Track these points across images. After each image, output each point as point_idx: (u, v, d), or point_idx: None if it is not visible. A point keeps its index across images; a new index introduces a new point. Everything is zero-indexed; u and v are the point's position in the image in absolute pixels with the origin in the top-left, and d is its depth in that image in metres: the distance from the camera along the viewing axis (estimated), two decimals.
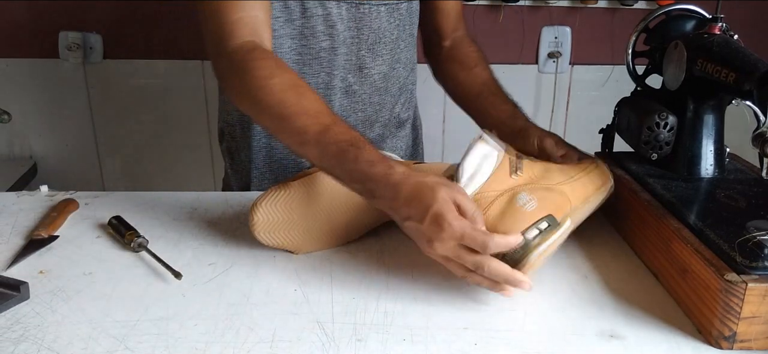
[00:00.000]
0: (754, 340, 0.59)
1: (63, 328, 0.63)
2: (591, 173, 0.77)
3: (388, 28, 0.98)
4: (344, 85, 0.99)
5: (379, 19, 0.97)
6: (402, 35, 1.01)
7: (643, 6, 1.81)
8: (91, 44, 1.78)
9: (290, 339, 0.61)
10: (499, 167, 0.71)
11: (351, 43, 0.96)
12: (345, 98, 1.00)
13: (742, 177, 0.80)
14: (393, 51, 1.01)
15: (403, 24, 1.00)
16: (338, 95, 0.99)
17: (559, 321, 0.65)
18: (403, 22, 1.00)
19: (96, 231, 0.83)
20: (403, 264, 0.75)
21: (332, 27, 0.93)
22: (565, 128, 1.96)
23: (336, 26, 0.93)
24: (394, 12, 0.98)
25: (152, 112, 1.85)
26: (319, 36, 0.94)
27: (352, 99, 1.00)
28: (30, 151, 1.89)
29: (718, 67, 0.71)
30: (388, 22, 0.98)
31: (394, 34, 1.00)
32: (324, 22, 0.93)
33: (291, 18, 0.92)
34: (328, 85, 0.97)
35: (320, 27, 0.93)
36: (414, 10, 1.03)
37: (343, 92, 0.99)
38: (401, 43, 1.02)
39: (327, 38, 0.94)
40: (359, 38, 0.96)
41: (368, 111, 1.02)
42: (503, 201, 0.68)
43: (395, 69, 1.03)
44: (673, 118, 0.79)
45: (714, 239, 0.64)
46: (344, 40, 0.95)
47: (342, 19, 0.94)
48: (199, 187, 1.93)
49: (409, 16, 1.02)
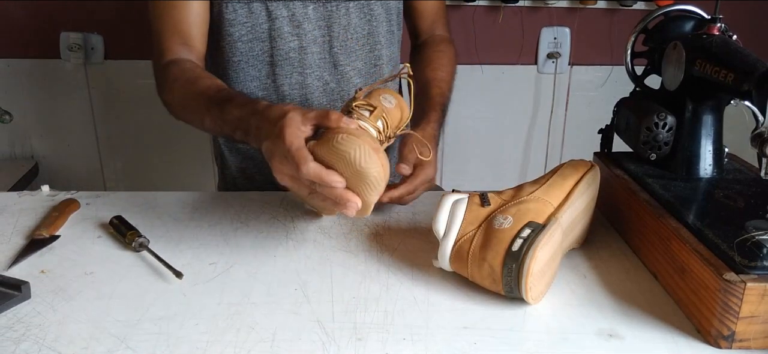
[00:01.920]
0: (752, 339, 0.60)
1: (64, 327, 0.63)
2: (563, 170, 0.77)
3: (359, 24, 0.99)
4: (321, 84, 1.01)
5: (349, 16, 0.98)
6: (378, 32, 1.02)
7: (642, 7, 1.81)
8: (93, 45, 1.79)
9: (290, 338, 0.62)
10: (469, 205, 0.72)
11: (322, 42, 0.98)
12: (323, 97, 1.02)
13: (741, 177, 0.80)
14: (369, 48, 1.02)
15: (377, 21, 1.01)
16: (316, 94, 1.01)
17: (559, 321, 0.65)
18: (378, 19, 1.01)
19: (97, 231, 0.83)
20: (403, 264, 0.75)
21: (299, 27, 0.95)
22: (564, 128, 1.96)
23: (302, 26, 0.95)
24: (364, 8, 0.99)
25: (153, 113, 1.85)
26: (286, 37, 0.96)
27: (330, 97, 1.02)
28: (31, 151, 1.89)
29: (716, 67, 0.72)
30: (359, 18, 0.99)
31: (366, 30, 1.01)
32: (290, 23, 0.95)
33: (257, 22, 0.95)
34: (303, 85, 0.99)
35: (287, 28, 0.95)
36: (392, 7, 1.04)
37: (321, 91, 1.01)
38: (379, 39, 1.02)
39: (295, 38, 0.96)
40: (330, 36, 0.98)
41: None
42: (482, 231, 0.69)
43: (376, 67, 1.04)
44: (672, 118, 0.79)
45: (713, 239, 0.64)
46: (315, 39, 0.97)
47: (309, 18, 0.96)
48: (201, 187, 1.93)
49: (385, 13, 1.02)
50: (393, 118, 0.77)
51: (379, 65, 1.04)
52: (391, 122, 0.76)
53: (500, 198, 0.73)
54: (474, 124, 1.93)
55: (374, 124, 0.74)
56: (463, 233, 0.70)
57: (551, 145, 1.98)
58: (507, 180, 1.62)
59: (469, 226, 0.70)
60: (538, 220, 0.68)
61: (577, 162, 0.78)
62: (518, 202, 0.71)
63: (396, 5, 1.05)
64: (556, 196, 0.72)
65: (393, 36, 1.06)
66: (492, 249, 0.66)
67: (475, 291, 0.69)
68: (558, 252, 0.69)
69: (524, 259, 0.64)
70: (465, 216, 0.71)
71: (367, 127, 0.72)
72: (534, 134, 1.95)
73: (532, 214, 0.69)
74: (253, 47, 0.97)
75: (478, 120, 1.93)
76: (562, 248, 0.72)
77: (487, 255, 0.66)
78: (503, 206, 0.71)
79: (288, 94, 1.01)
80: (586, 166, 0.78)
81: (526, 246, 0.64)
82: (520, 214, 0.69)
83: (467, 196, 0.74)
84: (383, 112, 0.75)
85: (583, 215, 0.77)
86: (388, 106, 0.77)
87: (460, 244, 0.69)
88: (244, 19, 0.95)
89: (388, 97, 0.79)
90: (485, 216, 0.71)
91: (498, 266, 0.65)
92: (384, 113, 0.75)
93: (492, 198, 0.73)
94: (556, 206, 0.71)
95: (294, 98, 1.01)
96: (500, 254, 0.65)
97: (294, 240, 0.81)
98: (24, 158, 1.89)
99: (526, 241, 0.65)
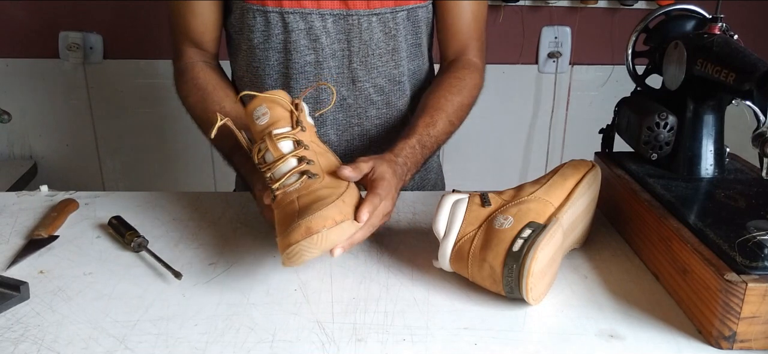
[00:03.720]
0: (754, 340, 0.59)
1: (63, 328, 0.63)
2: (564, 170, 0.76)
3: (382, 39, 0.94)
4: (338, 99, 0.95)
5: (371, 30, 0.92)
6: (401, 47, 0.96)
7: (643, 6, 1.81)
8: (92, 44, 1.79)
9: (290, 339, 0.61)
10: (469, 205, 0.72)
11: (341, 56, 0.93)
12: (339, 112, 0.97)
13: (742, 177, 0.80)
14: (392, 63, 0.96)
15: (402, 33, 0.95)
16: (332, 109, 0.96)
17: (559, 321, 0.65)
18: (403, 31, 0.95)
19: (96, 231, 0.83)
20: (403, 264, 0.75)
21: (316, 41, 0.91)
22: (565, 128, 1.96)
23: (320, 40, 0.91)
24: (389, 22, 0.93)
25: (152, 112, 1.85)
26: (302, 50, 0.92)
27: (347, 113, 0.97)
28: (30, 151, 1.89)
29: (718, 67, 0.71)
30: (382, 32, 0.93)
31: (391, 45, 0.95)
32: (306, 36, 0.91)
33: (274, 32, 0.92)
34: (318, 99, 0.94)
35: (303, 41, 0.91)
36: (420, 18, 0.96)
37: (337, 106, 0.96)
38: (402, 54, 0.96)
39: (311, 52, 0.92)
40: (350, 50, 0.93)
41: (366, 125, 0.98)
42: (483, 232, 0.69)
43: (399, 83, 0.98)
44: (673, 118, 0.79)
45: (714, 239, 0.64)
46: (333, 53, 0.93)
47: (327, 32, 0.91)
48: (200, 187, 1.93)
49: (412, 23, 0.96)
50: (281, 119, 0.72)
51: (401, 82, 0.98)
52: (284, 122, 0.71)
53: (501, 198, 0.73)
54: (474, 123, 1.92)
55: (282, 154, 0.70)
56: (463, 233, 0.69)
57: (552, 145, 1.97)
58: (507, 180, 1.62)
59: (469, 226, 0.70)
60: (538, 221, 0.68)
61: (577, 162, 0.78)
62: (519, 202, 0.71)
63: (426, 16, 0.97)
64: (556, 196, 0.72)
65: (419, 49, 1.00)
66: (492, 249, 0.66)
67: (476, 291, 0.69)
68: (559, 252, 0.69)
69: (525, 259, 0.63)
70: (465, 216, 0.71)
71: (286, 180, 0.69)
72: (535, 134, 1.95)
73: (533, 214, 0.69)
74: (268, 56, 0.94)
75: (479, 120, 1.91)
76: (563, 248, 0.71)
77: (487, 255, 0.66)
78: (504, 206, 0.71)
79: None
80: (587, 166, 0.77)
81: (527, 246, 0.64)
82: (520, 214, 0.69)
83: (467, 196, 0.74)
84: (271, 134, 0.70)
85: (584, 215, 0.76)
86: (266, 120, 0.71)
87: (460, 244, 0.69)
88: (261, 27, 0.92)
89: (259, 110, 0.72)
90: (486, 216, 0.70)
91: (498, 267, 0.65)
92: (273, 129, 0.71)
93: (492, 198, 0.73)
94: (557, 206, 0.71)
95: None
96: (501, 255, 0.65)
97: None
98: (22, 158, 1.89)
99: (526, 241, 0.65)
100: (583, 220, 0.76)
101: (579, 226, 0.76)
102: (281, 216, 0.67)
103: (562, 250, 0.71)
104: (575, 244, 0.77)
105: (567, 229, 0.71)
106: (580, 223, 0.76)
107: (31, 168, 1.83)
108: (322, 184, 0.69)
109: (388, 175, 0.74)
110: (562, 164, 0.78)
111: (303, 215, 0.64)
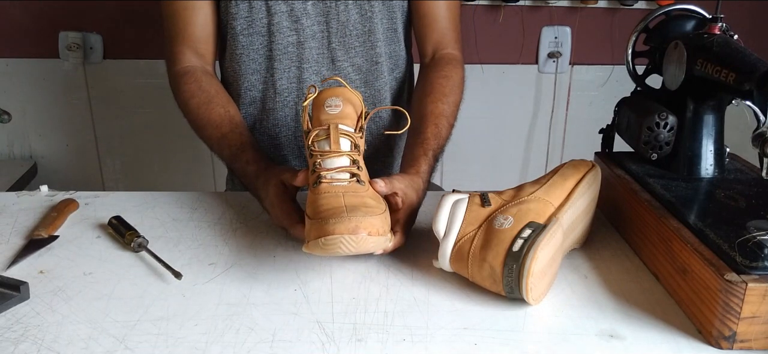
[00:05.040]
0: (754, 340, 0.59)
1: (63, 328, 0.63)
2: (564, 170, 0.76)
3: (358, 21, 0.99)
4: (318, 79, 1.01)
5: (347, 12, 0.98)
6: (377, 29, 1.01)
7: (643, 6, 1.81)
8: (91, 44, 1.78)
9: (290, 339, 0.61)
10: (469, 205, 0.72)
11: (321, 37, 0.99)
12: None
13: (742, 177, 0.80)
14: (369, 43, 1.01)
15: (378, 18, 1.00)
16: None
17: (559, 321, 0.65)
18: (379, 14, 1.00)
19: (96, 231, 0.83)
20: (403, 264, 0.75)
21: (297, 22, 0.97)
22: (565, 128, 1.96)
23: (300, 20, 0.97)
24: (364, 6, 0.99)
25: (152, 112, 1.85)
26: (284, 31, 0.98)
27: None
28: (30, 151, 1.89)
29: (718, 67, 0.71)
30: (358, 14, 0.99)
31: (366, 27, 1.00)
32: (288, 18, 0.97)
33: (257, 17, 0.97)
34: (300, 79, 1.00)
35: (285, 23, 0.97)
36: (395, 6, 1.02)
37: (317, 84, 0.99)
38: (378, 37, 1.01)
39: (293, 33, 0.98)
40: (328, 31, 0.99)
41: None
42: (483, 232, 0.69)
43: (377, 64, 1.03)
44: (673, 118, 0.79)
45: (714, 239, 0.64)
46: (313, 34, 0.98)
47: (307, 13, 0.97)
48: (199, 187, 1.93)
49: (387, 11, 1.02)
50: (349, 118, 0.73)
51: (379, 63, 1.03)
52: (350, 122, 0.73)
53: (501, 198, 0.73)
54: (474, 123, 1.93)
55: (338, 149, 0.71)
56: (463, 233, 0.69)
57: (552, 145, 1.97)
58: (507, 180, 1.62)
59: (469, 226, 0.70)
60: (538, 221, 0.68)
61: (577, 162, 0.78)
62: (519, 202, 0.71)
63: (400, 4, 1.03)
64: (556, 196, 0.72)
65: (395, 34, 1.05)
66: (492, 249, 0.66)
67: (476, 291, 0.69)
68: (559, 252, 0.69)
69: (525, 259, 0.63)
70: (465, 216, 0.71)
71: (335, 173, 0.70)
72: (534, 134, 1.95)
73: (533, 214, 0.69)
74: (252, 41, 0.99)
75: (479, 120, 1.93)
76: (563, 248, 0.71)
77: (487, 255, 0.66)
78: (504, 206, 0.71)
79: (285, 88, 1.01)
80: (587, 166, 0.77)
81: (527, 246, 0.64)
82: (520, 214, 0.69)
83: (467, 196, 0.74)
84: (337, 127, 0.71)
85: (584, 215, 0.76)
86: (336, 112, 0.73)
87: (460, 244, 0.69)
88: (245, 13, 0.97)
89: (333, 100, 0.73)
90: (486, 216, 0.70)
91: (498, 267, 0.65)
92: (340, 124, 0.72)
93: (492, 198, 0.73)
94: (557, 206, 0.71)
95: (291, 92, 1.01)
96: (501, 255, 0.65)
97: (293, 240, 0.80)
98: (22, 158, 1.89)
99: (526, 241, 0.65)
100: (583, 220, 0.76)
101: (579, 226, 0.76)
102: (322, 203, 0.68)
103: (562, 250, 0.71)
104: (575, 244, 0.77)
105: (567, 229, 0.71)
106: (580, 223, 0.76)
107: (31, 168, 1.83)
108: (367, 193, 0.71)
109: (415, 205, 0.79)
110: (562, 164, 0.78)
111: (353, 212, 0.65)
